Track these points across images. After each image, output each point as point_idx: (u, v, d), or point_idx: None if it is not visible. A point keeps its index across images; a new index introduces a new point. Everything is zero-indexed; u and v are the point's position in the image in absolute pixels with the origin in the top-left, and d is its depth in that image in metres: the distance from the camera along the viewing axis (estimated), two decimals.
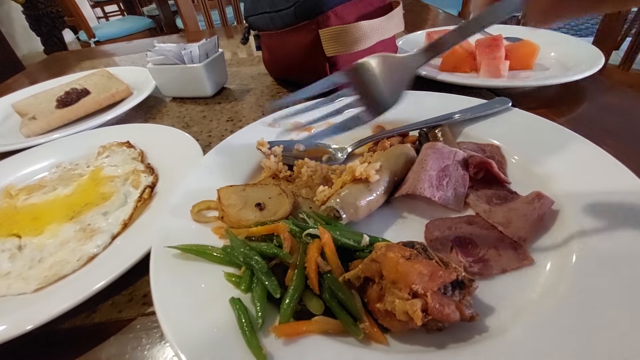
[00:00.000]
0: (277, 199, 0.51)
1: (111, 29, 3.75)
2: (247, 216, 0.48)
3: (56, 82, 1.17)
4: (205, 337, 0.35)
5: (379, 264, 0.36)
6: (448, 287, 0.35)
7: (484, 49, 0.89)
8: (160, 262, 0.43)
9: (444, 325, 0.35)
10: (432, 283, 0.33)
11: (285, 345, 0.34)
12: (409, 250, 0.37)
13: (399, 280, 0.34)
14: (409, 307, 0.32)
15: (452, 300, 0.34)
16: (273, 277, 0.38)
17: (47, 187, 0.65)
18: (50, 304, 0.42)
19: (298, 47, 0.86)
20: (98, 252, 0.51)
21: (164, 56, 0.96)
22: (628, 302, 0.34)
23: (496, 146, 0.60)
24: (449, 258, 0.41)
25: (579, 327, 0.33)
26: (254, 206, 0.49)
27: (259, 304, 0.36)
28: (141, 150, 0.73)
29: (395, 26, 0.85)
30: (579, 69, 0.81)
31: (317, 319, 0.36)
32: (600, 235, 0.41)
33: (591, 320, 0.33)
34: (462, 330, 0.35)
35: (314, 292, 0.38)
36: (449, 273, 0.35)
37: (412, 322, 0.32)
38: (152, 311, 0.45)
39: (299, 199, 0.52)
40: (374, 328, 0.35)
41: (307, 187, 0.55)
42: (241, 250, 0.40)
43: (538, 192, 0.47)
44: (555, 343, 0.32)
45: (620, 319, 0.33)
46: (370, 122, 0.71)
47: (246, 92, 1.05)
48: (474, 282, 0.36)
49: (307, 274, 0.38)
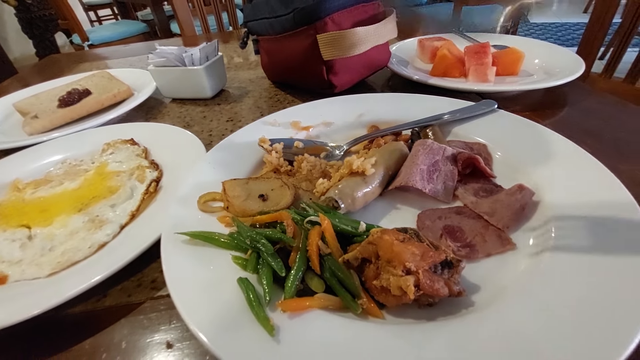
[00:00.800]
0: (279, 190, 0.54)
1: (105, 33, 3.75)
2: (251, 206, 0.51)
3: (56, 83, 1.19)
4: (216, 314, 0.38)
5: (375, 246, 0.40)
6: (438, 266, 0.38)
7: (473, 55, 0.94)
8: (170, 247, 0.46)
9: (434, 301, 0.38)
10: (424, 262, 0.37)
11: (290, 319, 0.37)
12: (402, 235, 0.41)
13: (394, 259, 0.37)
14: (402, 283, 0.36)
15: (441, 278, 0.38)
16: (278, 259, 0.41)
17: (54, 182, 0.67)
18: (63, 287, 0.45)
19: (296, 51, 0.90)
20: (108, 240, 0.53)
21: (166, 58, 0.99)
22: (598, 278, 0.38)
23: (482, 144, 0.65)
24: (439, 243, 0.45)
25: (554, 300, 0.37)
26: (257, 197, 0.53)
27: (266, 282, 0.39)
28: (145, 148, 0.76)
29: (389, 32, 0.90)
30: (561, 75, 0.87)
31: (318, 295, 0.39)
32: (576, 223, 0.45)
33: (565, 294, 0.37)
34: (451, 305, 0.39)
35: (315, 272, 0.41)
36: (438, 254, 0.38)
37: (405, 297, 0.36)
38: (160, 295, 0.48)
39: (300, 191, 0.56)
40: (370, 303, 0.39)
41: (307, 180, 0.58)
42: (248, 235, 0.43)
43: (520, 185, 0.51)
44: (533, 314, 0.36)
45: (591, 293, 0.37)
46: (365, 122, 0.76)
47: (245, 94, 1.08)
48: (461, 262, 0.39)
49: (309, 256, 0.41)
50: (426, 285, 0.36)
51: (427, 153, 0.57)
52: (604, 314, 0.34)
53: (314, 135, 0.74)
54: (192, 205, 0.53)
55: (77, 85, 1.06)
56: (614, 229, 0.43)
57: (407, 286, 0.35)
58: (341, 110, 0.79)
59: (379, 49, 0.91)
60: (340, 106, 0.80)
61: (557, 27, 5.02)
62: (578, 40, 1.80)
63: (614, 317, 0.34)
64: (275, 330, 0.35)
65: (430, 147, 0.58)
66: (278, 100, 1.01)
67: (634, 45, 1.56)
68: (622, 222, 0.43)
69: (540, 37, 4.57)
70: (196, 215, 0.52)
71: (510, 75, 0.97)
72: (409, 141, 0.68)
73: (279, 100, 1.01)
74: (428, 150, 0.58)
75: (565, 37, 4.61)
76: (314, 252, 0.41)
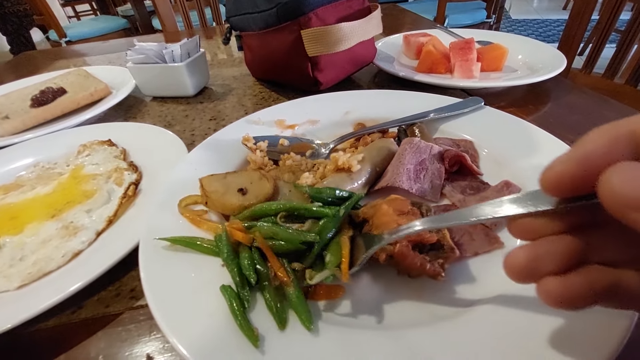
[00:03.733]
0: (258, 183, 0.52)
1: (83, 29, 3.63)
2: (230, 200, 0.49)
3: (29, 81, 1.13)
4: (197, 324, 0.36)
5: (373, 210, 0.43)
6: (425, 246, 0.40)
7: (458, 51, 0.94)
8: (149, 254, 0.44)
9: (411, 274, 0.40)
10: (406, 238, 0.38)
11: (276, 329, 0.36)
12: (409, 208, 0.42)
13: (380, 226, 0.40)
14: (380, 250, 0.39)
15: (422, 257, 0.39)
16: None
17: (25, 187, 0.64)
18: (34, 300, 0.42)
19: (280, 48, 0.88)
20: (83, 248, 0.50)
21: (145, 55, 0.96)
22: None
23: (469, 141, 0.64)
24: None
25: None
26: (236, 191, 0.51)
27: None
28: (123, 149, 0.73)
29: (374, 28, 0.89)
30: (544, 71, 0.87)
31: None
32: None
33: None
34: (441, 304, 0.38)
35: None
36: (430, 236, 0.39)
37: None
38: (139, 305, 0.46)
39: (280, 183, 0.54)
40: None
41: (289, 172, 0.57)
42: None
43: (506, 181, 0.51)
44: (522, 314, 0.35)
45: None
46: (351, 120, 0.75)
47: (228, 92, 1.05)
48: (454, 251, 0.39)
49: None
50: (399, 255, 0.38)
51: (414, 152, 0.57)
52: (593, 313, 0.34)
53: (299, 134, 0.72)
54: (173, 209, 0.51)
55: (52, 84, 1.01)
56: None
57: (380, 253, 0.39)
58: (327, 108, 0.77)
59: (364, 44, 0.90)
60: (326, 104, 0.79)
61: (538, 23, 5.12)
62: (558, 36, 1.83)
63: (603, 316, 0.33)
64: (259, 341, 0.34)
65: (417, 146, 0.57)
66: (263, 97, 0.99)
67: (611, 42, 1.60)
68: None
69: (522, 33, 4.65)
70: (177, 219, 0.50)
71: (494, 71, 0.97)
72: (396, 139, 0.67)
73: (264, 97, 0.99)
74: (415, 149, 0.57)
75: (546, 33, 4.70)
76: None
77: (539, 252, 0.25)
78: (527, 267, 0.25)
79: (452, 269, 0.42)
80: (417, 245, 0.39)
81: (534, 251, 0.26)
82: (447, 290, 0.40)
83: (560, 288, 0.24)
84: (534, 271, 0.25)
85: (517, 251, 0.26)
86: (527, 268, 0.25)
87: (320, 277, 0.38)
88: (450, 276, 0.41)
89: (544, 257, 0.25)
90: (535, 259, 0.25)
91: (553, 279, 0.25)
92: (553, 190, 0.25)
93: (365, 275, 0.43)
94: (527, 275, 0.26)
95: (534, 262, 0.25)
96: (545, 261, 0.25)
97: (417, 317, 0.37)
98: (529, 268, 0.25)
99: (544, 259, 0.25)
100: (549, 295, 0.25)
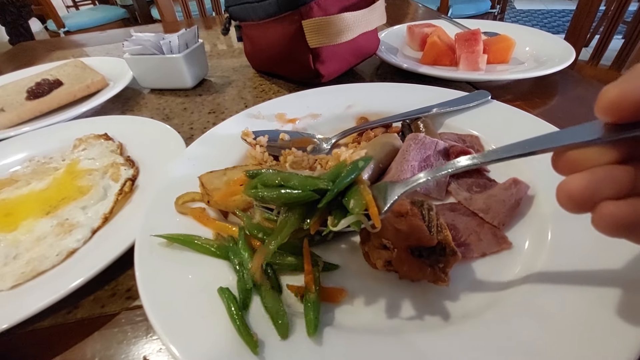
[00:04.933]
0: None
1: (82, 19, 3.59)
2: (232, 198, 0.48)
3: (25, 72, 1.11)
4: (194, 328, 0.35)
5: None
6: (424, 249, 0.37)
7: (463, 43, 0.91)
8: (145, 254, 0.42)
9: (412, 278, 0.39)
10: (404, 242, 0.37)
11: (276, 335, 0.34)
12: (408, 208, 0.39)
13: (376, 232, 0.37)
14: (375, 255, 0.38)
15: (421, 261, 0.37)
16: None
17: (20, 182, 0.62)
18: (28, 301, 0.41)
19: (281, 39, 0.85)
20: (78, 246, 0.49)
21: (142, 46, 0.93)
22: (601, 280, 0.36)
23: (475, 136, 0.62)
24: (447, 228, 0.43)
25: (552, 305, 0.35)
26: (238, 188, 0.49)
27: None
28: (120, 143, 0.71)
29: (377, 18, 0.86)
30: (552, 63, 0.85)
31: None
32: (573, 218, 0.43)
33: (564, 298, 0.35)
34: (448, 307, 0.37)
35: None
36: (428, 238, 0.37)
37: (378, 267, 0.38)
38: (136, 305, 0.44)
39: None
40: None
41: (291, 168, 0.55)
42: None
43: (514, 178, 0.49)
44: (530, 320, 0.34)
45: (595, 298, 0.35)
46: (354, 114, 0.73)
47: (228, 84, 1.03)
48: (456, 254, 0.37)
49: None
50: (396, 264, 0.37)
51: (418, 148, 0.55)
52: (606, 319, 0.32)
53: (300, 128, 0.70)
54: (170, 207, 0.50)
55: (48, 76, 0.99)
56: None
57: (377, 259, 0.38)
58: (329, 102, 0.75)
59: (367, 35, 0.87)
60: (327, 97, 0.77)
61: (543, 13, 5.03)
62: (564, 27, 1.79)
63: (617, 323, 0.32)
64: (259, 347, 0.32)
65: (422, 142, 0.55)
66: (263, 90, 0.97)
67: (619, 33, 1.56)
68: None
69: (527, 23, 4.57)
70: (174, 217, 0.49)
71: (501, 63, 0.94)
72: (400, 134, 0.65)
73: (264, 90, 0.97)
74: (420, 145, 0.55)
75: (551, 24, 4.62)
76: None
77: (598, 176, 0.25)
78: (587, 190, 0.25)
79: (459, 271, 0.40)
80: (417, 248, 0.37)
81: (593, 175, 0.25)
82: (454, 293, 0.39)
83: (621, 212, 0.24)
84: (593, 196, 0.25)
85: (573, 177, 0.26)
86: (587, 191, 0.25)
87: (346, 221, 0.34)
88: (457, 278, 0.40)
89: (603, 181, 0.25)
90: (596, 181, 0.25)
91: (612, 203, 0.24)
92: (610, 113, 0.25)
93: (367, 277, 0.41)
94: (585, 200, 0.25)
95: (595, 185, 0.25)
96: (604, 185, 0.25)
97: (422, 321, 0.36)
98: (588, 192, 0.25)
99: (603, 183, 0.25)
100: (610, 218, 0.24)
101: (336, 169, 0.38)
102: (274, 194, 0.36)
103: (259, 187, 0.37)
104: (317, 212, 0.36)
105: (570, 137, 0.27)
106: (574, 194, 0.25)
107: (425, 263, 0.37)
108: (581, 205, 0.25)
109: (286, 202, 0.36)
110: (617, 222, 0.24)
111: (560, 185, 0.26)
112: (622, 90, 0.23)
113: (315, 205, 0.36)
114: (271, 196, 0.36)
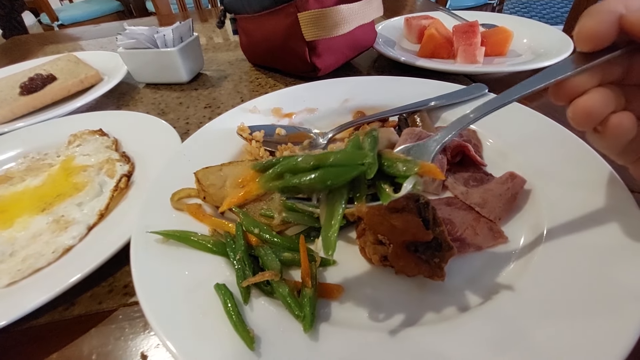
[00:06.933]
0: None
1: (76, 12, 3.53)
2: (228, 194, 0.48)
3: (18, 67, 1.10)
4: (191, 324, 0.35)
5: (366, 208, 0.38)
6: (420, 245, 0.37)
7: (461, 35, 0.90)
8: (141, 250, 0.42)
9: (408, 274, 0.39)
10: (400, 237, 0.36)
11: (272, 331, 0.35)
12: (404, 203, 0.38)
13: (373, 226, 0.38)
14: (371, 251, 0.39)
15: (416, 256, 0.37)
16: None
17: (14, 179, 0.62)
18: (25, 298, 0.41)
19: (276, 31, 0.84)
20: (74, 243, 0.49)
21: (136, 40, 0.92)
22: (597, 274, 0.36)
23: (472, 130, 0.62)
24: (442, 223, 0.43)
25: (547, 297, 0.35)
26: (234, 184, 0.49)
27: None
28: (115, 139, 0.71)
29: (374, 11, 0.85)
30: (550, 55, 0.84)
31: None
32: (568, 212, 0.44)
33: (559, 290, 0.35)
34: (444, 301, 0.37)
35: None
36: (424, 234, 0.36)
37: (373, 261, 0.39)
38: (133, 301, 0.45)
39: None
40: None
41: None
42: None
43: (511, 173, 0.49)
44: (526, 313, 0.34)
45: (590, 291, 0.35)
46: (350, 108, 0.72)
47: (224, 78, 1.02)
48: (451, 249, 0.37)
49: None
50: (392, 260, 0.37)
51: (414, 142, 0.54)
52: (602, 312, 0.33)
53: (296, 123, 0.70)
54: (165, 203, 0.50)
55: (41, 70, 0.98)
56: (607, 216, 0.41)
57: (373, 255, 0.38)
58: (325, 96, 0.75)
59: (364, 28, 0.86)
60: (324, 91, 0.76)
61: (542, 5, 4.99)
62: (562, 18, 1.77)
63: (613, 316, 0.32)
64: (255, 343, 0.32)
65: (418, 137, 0.55)
66: (259, 84, 0.96)
67: None
68: (615, 209, 0.42)
69: (526, 15, 4.53)
70: (170, 214, 0.48)
71: (498, 55, 0.94)
72: (397, 128, 0.65)
73: (260, 84, 0.96)
74: (415, 140, 0.55)
75: (550, 15, 4.59)
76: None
77: (603, 93, 0.29)
78: (601, 103, 0.29)
79: (455, 265, 0.40)
80: (412, 244, 0.37)
81: (599, 93, 0.29)
82: (451, 287, 0.39)
83: (631, 120, 0.29)
84: (607, 108, 0.29)
85: (584, 97, 0.30)
86: (602, 105, 0.29)
87: (409, 183, 0.30)
88: (453, 272, 0.40)
89: (609, 96, 0.29)
90: (605, 96, 0.29)
91: (622, 113, 0.30)
92: (590, 42, 0.29)
93: (363, 273, 0.42)
94: (599, 114, 0.30)
95: (606, 99, 0.29)
96: (611, 100, 0.29)
97: (418, 316, 0.36)
98: (603, 105, 0.29)
99: (610, 97, 0.29)
100: (622, 126, 0.30)
101: (355, 142, 0.35)
102: (315, 177, 0.30)
103: (286, 177, 0.32)
104: (363, 187, 0.32)
105: (562, 72, 0.31)
106: (593, 109, 0.29)
107: (421, 258, 0.37)
108: (595, 119, 0.30)
109: (333, 183, 0.30)
110: (629, 131, 0.30)
111: (575, 105, 0.30)
112: (596, 24, 0.28)
113: (354, 183, 0.32)
114: (311, 181, 0.30)
